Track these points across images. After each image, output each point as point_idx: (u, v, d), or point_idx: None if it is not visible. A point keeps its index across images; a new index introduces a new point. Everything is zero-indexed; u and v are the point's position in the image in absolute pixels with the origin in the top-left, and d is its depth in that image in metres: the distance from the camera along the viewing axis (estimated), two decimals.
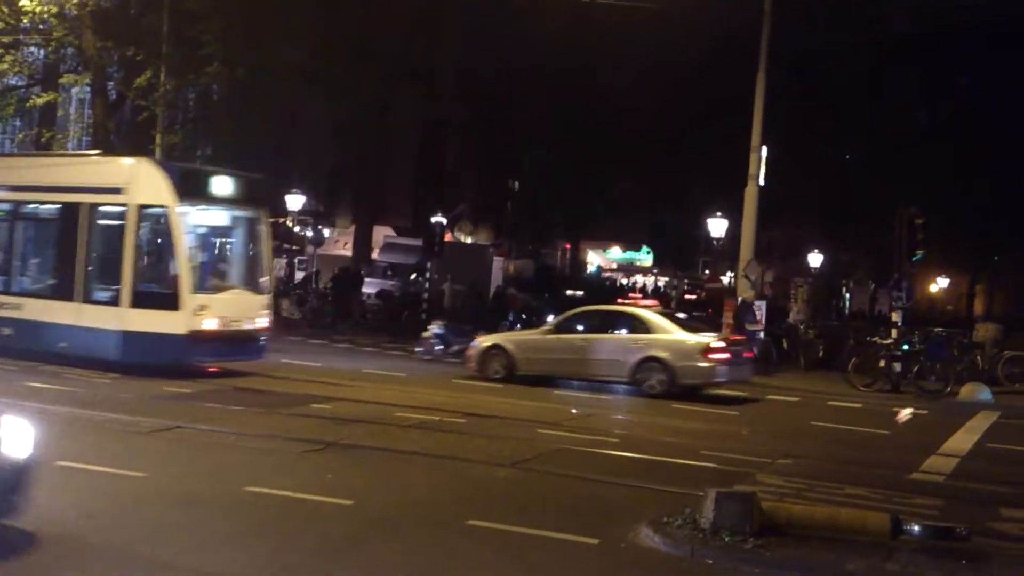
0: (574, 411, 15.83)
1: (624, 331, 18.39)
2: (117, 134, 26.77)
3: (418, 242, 34.94)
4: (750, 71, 24.46)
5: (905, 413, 17.22)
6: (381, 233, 41.66)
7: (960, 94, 39.89)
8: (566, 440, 12.82)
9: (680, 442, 13.23)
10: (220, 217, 17.64)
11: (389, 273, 36.51)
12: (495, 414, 14.65)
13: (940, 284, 55.61)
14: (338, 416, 13.59)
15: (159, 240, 16.46)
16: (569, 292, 34.54)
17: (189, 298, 15.95)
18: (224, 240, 18.03)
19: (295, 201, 32.98)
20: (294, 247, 37.41)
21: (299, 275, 34.24)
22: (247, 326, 16.91)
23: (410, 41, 34.68)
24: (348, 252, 40.19)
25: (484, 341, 19.47)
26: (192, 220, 16.57)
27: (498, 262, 37.58)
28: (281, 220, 38.87)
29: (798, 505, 9.16)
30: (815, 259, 43.55)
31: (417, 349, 23.27)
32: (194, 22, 24.38)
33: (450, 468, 10.61)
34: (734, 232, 27.55)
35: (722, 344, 17.89)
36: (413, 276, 34.29)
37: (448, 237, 40.53)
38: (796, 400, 19.64)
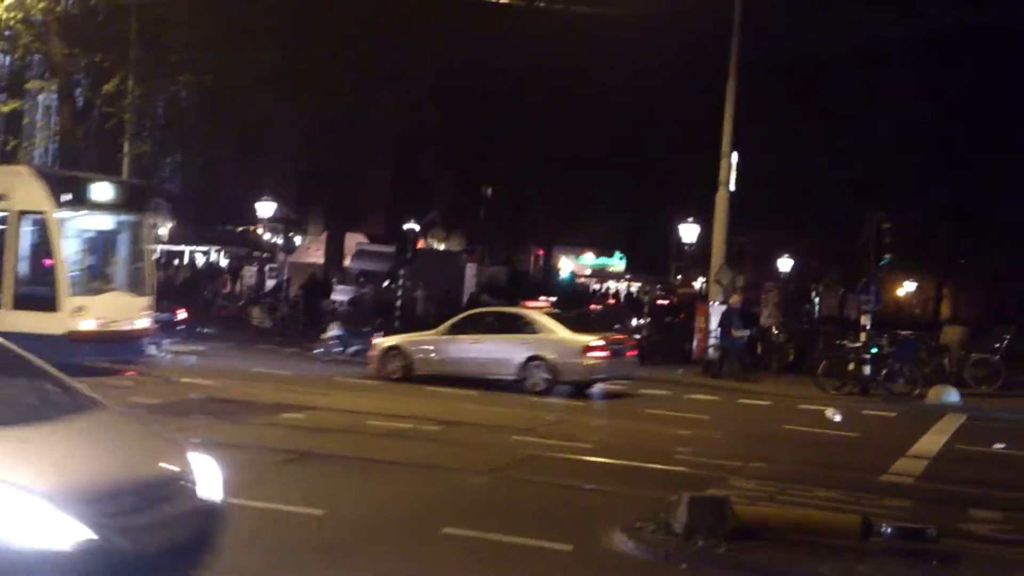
0: (548, 417, 15.86)
1: (512, 331, 18.96)
2: (85, 141, 26.55)
3: (391, 249, 34.86)
4: (724, 78, 24.63)
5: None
6: (354, 240, 41.55)
7: (927, 100, 40.31)
8: (540, 446, 12.84)
9: (653, 446, 13.28)
10: (101, 222, 18.20)
11: (361, 280, 36.38)
12: (468, 421, 14.66)
13: (908, 288, 56.17)
14: (312, 425, 13.55)
15: (39, 244, 17.13)
16: (542, 298, 34.54)
17: (67, 300, 16.66)
18: (105, 244, 18.55)
19: (266, 208, 32.87)
20: (264, 254, 37.18)
21: (270, 283, 34.06)
22: (126, 327, 17.60)
23: (386, 46, 34.61)
24: (320, 259, 40.05)
25: (384, 342, 20.06)
26: (72, 225, 17.24)
27: (471, 268, 37.54)
28: (251, 229, 38.71)
29: (771, 508, 9.23)
30: (785, 264, 43.95)
31: (317, 351, 23.55)
32: (163, 28, 24.23)
33: (425, 476, 10.60)
34: (707, 238, 27.71)
35: (601, 343, 18.45)
36: (385, 283, 34.18)
37: (422, 244, 40.48)
38: (768, 404, 19.76)
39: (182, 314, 23.48)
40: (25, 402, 6.33)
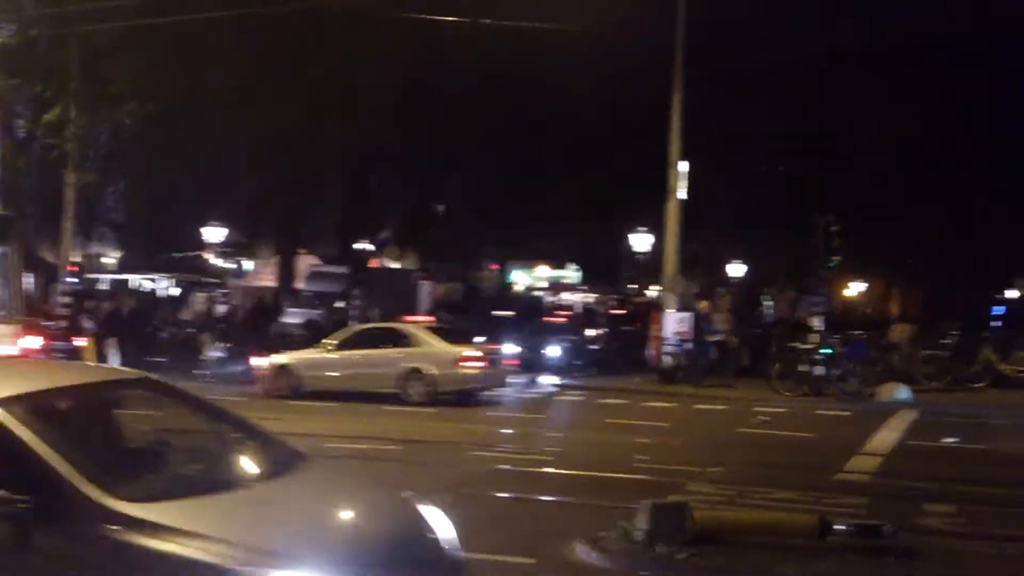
0: (505, 431, 15.86)
1: (392, 346, 19.53)
2: (27, 172, 26.15)
3: (345, 270, 34.70)
4: (671, 87, 24.85)
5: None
6: (307, 262, 41.30)
7: (876, 104, 40.97)
8: (502, 460, 12.84)
9: (613, 456, 13.31)
10: None
11: (316, 302, 36.12)
12: (425, 439, 14.62)
13: (858, 288, 56.91)
14: None
15: None
16: (498, 313, 34.55)
17: None
18: None
19: (214, 233, 32.51)
20: (213, 280, 36.77)
21: (221, 308, 33.71)
22: None
23: (336, 66, 34.50)
24: (273, 283, 39.72)
25: (273, 360, 20.33)
26: None
27: (425, 286, 37.45)
28: (200, 254, 38.29)
29: (729, 512, 9.30)
30: (736, 269, 44.27)
31: (196, 372, 23.43)
32: (105, 57, 23.95)
33: None
34: (660, 246, 27.86)
35: (476, 353, 19.14)
36: (337, 304, 34.00)
37: (376, 263, 40.34)
38: (724, 408, 19.91)
39: (79, 341, 22.83)
40: (245, 459, 5.86)
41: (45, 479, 4.73)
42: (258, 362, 20.84)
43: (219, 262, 38.09)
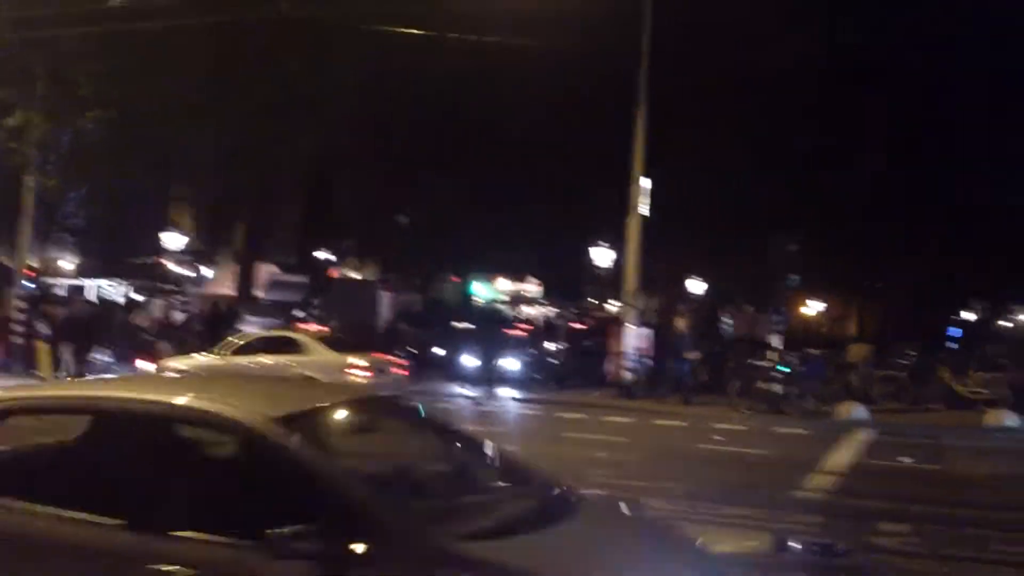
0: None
1: (284, 353, 19.91)
2: None
3: (305, 279, 34.39)
4: (635, 103, 24.91)
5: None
6: (266, 270, 40.89)
7: (839, 123, 41.28)
8: None
9: (569, 469, 13.16)
10: None
11: (276, 312, 35.74)
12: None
13: (816, 307, 57.34)
14: None
15: None
16: (458, 324, 34.42)
17: None
18: None
19: (174, 239, 32.04)
20: (171, 287, 36.32)
21: (179, 316, 33.30)
22: None
23: (299, 74, 34.26)
24: (232, 291, 39.28)
25: (169, 364, 20.51)
26: None
27: (385, 297, 37.27)
28: (159, 260, 37.81)
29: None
30: (696, 286, 44.43)
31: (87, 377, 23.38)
32: (70, 62, 23.62)
33: None
34: (621, 261, 27.91)
35: (362, 362, 19.48)
36: (296, 313, 33.69)
37: (336, 273, 40.06)
38: (682, 425, 19.87)
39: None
40: (522, 488, 5.10)
41: (349, 513, 4.01)
42: (146, 366, 20.94)
43: (178, 269, 37.66)
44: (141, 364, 21.44)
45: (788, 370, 22.01)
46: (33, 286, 28.04)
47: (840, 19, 37.09)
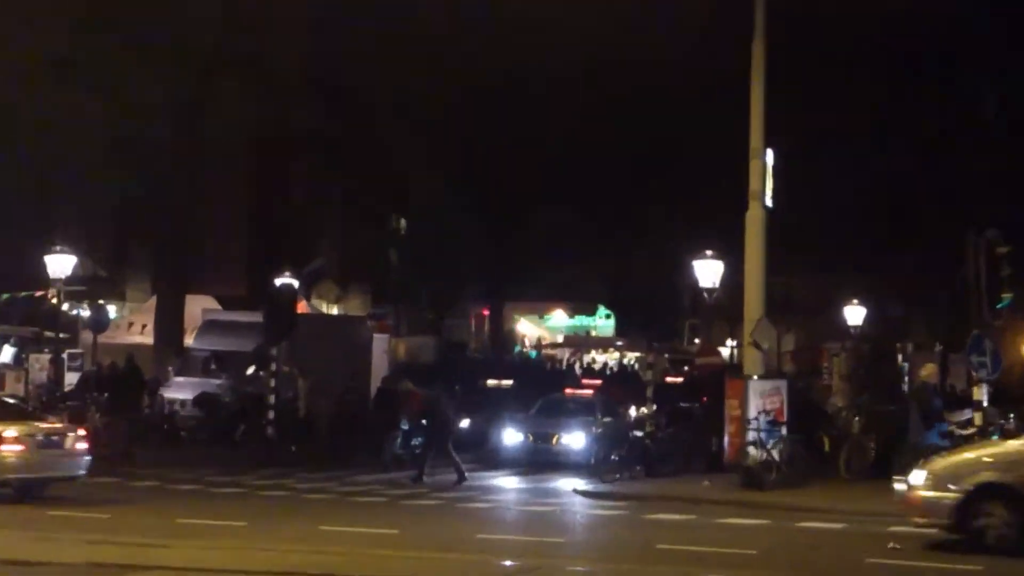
0: (516, 562, 15.78)
1: None
2: None
3: (257, 317, 34.45)
4: (741, 53, 25.18)
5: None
6: (199, 306, 41.14)
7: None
8: None
9: None
10: None
11: (213, 367, 35.98)
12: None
13: None
14: None
15: None
16: (492, 382, 34.55)
17: None
18: None
19: (61, 263, 31.92)
20: (60, 335, 36.55)
21: (73, 377, 33.55)
22: None
23: (231, 23, 34.72)
24: (147, 339, 39.54)
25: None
26: None
27: (380, 341, 37.43)
28: (40, 294, 38.13)
29: None
30: (854, 314, 44.08)
31: None
32: None
33: None
34: (731, 280, 27.85)
35: (14, 433, 20.72)
36: (251, 370, 33.89)
37: (303, 307, 40.21)
38: (840, 527, 19.70)
39: None
40: None
41: None
42: None
43: (66, 307, 37.92)
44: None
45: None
46: None
47: None
